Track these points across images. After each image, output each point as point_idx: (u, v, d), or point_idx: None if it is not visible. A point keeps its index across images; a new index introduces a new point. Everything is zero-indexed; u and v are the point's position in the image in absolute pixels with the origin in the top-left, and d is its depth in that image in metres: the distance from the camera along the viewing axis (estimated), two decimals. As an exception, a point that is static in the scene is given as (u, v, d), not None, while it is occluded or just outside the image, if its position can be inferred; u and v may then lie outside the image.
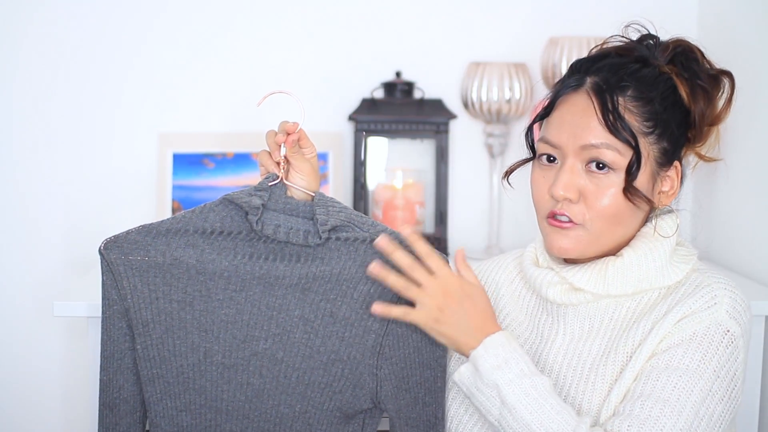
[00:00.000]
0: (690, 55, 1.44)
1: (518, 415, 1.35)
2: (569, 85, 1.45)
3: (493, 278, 1.62)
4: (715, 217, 2.25)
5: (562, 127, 1.43)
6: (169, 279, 1.49)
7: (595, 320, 1.46)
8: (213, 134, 2.38)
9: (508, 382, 1.36)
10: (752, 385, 1.93)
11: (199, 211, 1.49)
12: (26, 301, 2.39)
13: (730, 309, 1.39)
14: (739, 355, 1.38)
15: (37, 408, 2.42)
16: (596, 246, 1.44)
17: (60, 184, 2.38)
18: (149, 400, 1.51)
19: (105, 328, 1.51)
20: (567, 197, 1.41)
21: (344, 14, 2.38)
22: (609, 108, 1.40)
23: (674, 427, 1.32)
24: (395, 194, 2.34)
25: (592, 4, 2.39)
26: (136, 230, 1.49)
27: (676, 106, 1.43)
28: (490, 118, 2.31)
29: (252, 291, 1.49)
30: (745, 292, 1.95)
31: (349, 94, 2.38)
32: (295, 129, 1.49)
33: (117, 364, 1.51)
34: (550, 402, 1.36)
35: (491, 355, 1.38)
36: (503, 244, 2.36)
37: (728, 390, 1.36)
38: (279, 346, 1.50)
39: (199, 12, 2.37)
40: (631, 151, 1.39)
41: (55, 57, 2.35)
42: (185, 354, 1.50)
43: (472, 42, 2.39)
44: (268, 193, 1.48)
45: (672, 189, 1.46)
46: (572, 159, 1.42)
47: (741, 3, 2.20)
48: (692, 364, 1.35)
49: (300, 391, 1.50)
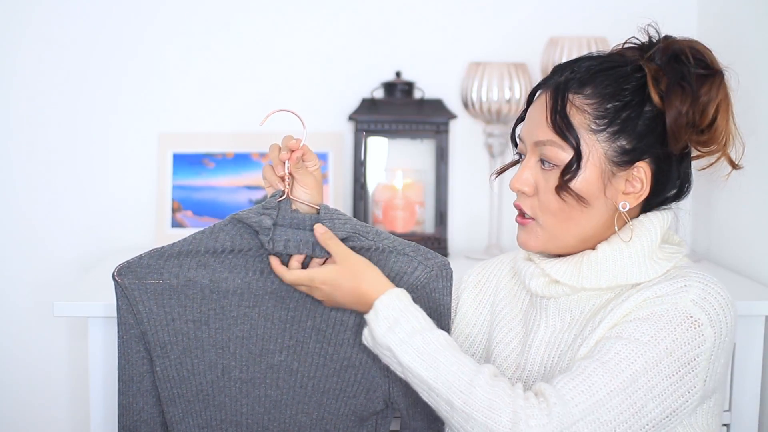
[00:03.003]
0: (680, 55, 1.43)
1: (415, 373, 1.37)
2: (541, 85, 1.49)
3: (494, 275, 1.65)
4: (715, 217, 2.25)
5: (526, 125, 1.49)
6: (184, 300, 1.51)
7: (575, 312, 1.48)
8: (213, 134, 2.38)
9: (400, 342, 1.39)
10: (752, 385, 1.94)
11: (209, 231, 1.52)
12: (26, 301, 2.39)
13: (697, 298, 1.38)
14: (704, 343, 1.36)
15: (37, 408, 2.42)
16: (556, 242, 1.46)
17: (60, 184, 2.38)
18: (171, 420, 1.54)
19: (122, 352, 1.53)
20: (522, 191, 1.46)
21: (344, 14, 2.38)
22: (557, 106, 1.42)
23: (605, 387, 1.32)
24: (395, 194, 2.34)
25: (592, 4, 2.39)
26: (148, 254, 1.51)
27: (644, 105, 1.42)
28: (490, 118, 2.31)
29: (265, 306, 1.52)
30: (743, 294, 1.96)
31: (349, 94, 2.38)
32: (298, 146, 1.51)
33: (136, 387, 1.54)
34: (444, 355, 1.37)
35: (381, 318, 1.41)
36: (503, 244, 2.36)
37: (680, 371, 1.35)
38: (294, 357, 1.53)
39: (200, 12, 2.37)
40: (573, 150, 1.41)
41: (55, 57, 2.35)
42: (204, 372, 1.53)
43: (472, 42, 2.39)
44: (277, 210, 1.50)
45: (641, 190, 1.44)
46: (530, 154, 1.47)
47: (741, 3, 2.20)
48: (643, 338, 1.35)
49: (316, 399, 1.55)
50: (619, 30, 2.23)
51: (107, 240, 2.38)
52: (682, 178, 1.49)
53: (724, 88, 1.44)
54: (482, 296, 1.63)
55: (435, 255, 1.54)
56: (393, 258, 1.52)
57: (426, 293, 1.53)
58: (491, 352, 1.57)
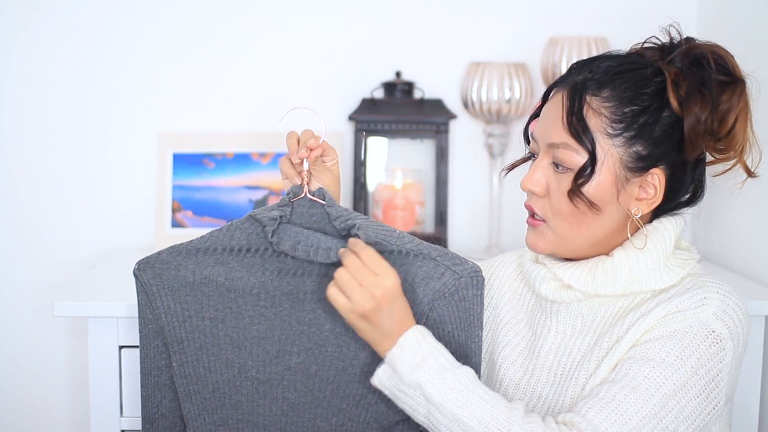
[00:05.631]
0: (701, 60, 1.40)
1: (447, 411, 1.33)
2: (558, 83, 1.45)
3: (497, 275, 1.62)
4: (716, 217, 2.25)
5: (540, 124, 1.45)
6: (200, 297, 1.50)
7: (587, 318, 1.46)
8: (213, 134, 2.38)
9: (430, 380, 1.34)
10: (752, 385, 1.94)
11: (226, 229, 1.50)
12: (26, 301, 2.39)
13: (718, 311, 1.37)
14: (725, 357, 1.36)
15: (37, 408, 2.42)
16: (566, 245, 1.44)
17: (60, 184, 2.37)
18: (187, 416, 1.53)
19: (142, 345, 1.53)
20: (533, 191, 1.44)
21: (344, 14, 2.38)
22: (574, 108, 1.39)
23: (637, 414, 1.31)
24: (395, 194, 2.34)
25: (592, 4, 2.39)
26: (167, 251, 1.51)
27: (663, 111, 1.39)
28: (490, 118, 2.31)
29: (282, 307, 1.49)
30: (744, 294, 1.96)
31: (349, 94, 2.38)
32: (316, 145, 1.50)
33: (154, 380, 1.54)
34: (477, 392, 1.33)
35: (408, 354, 1.35)
36: (503, 244, 2.36)
37: (706, 388, 1.34)
38: (312, 360, 1.50)
39: (200, 12, 2.37)
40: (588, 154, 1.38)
41: (54, 56, 2.34)
42: (220, 370, 1.51)
43: (472, 42, 2.39)
44: (291, 207, 1.49)
45: (654, 197, 1.41)
46: (543, 155, 1.44)
47: (741, 3, 2.19)
48: (669, 358, 1.34)
49: (335, 404, 1.50)
50: (619, 30, 2.25)
51: (107, 240, 2.38)
52: (696, 183, 1.46)
53: (744, 97, 1.40)
54: (485, 297, 1.58)
55: (464, 261, 1.46)
56: (418, 262, 1.45)
57: (455, 301, 1.45)
58: (496, 355, 1.54)
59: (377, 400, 1.49)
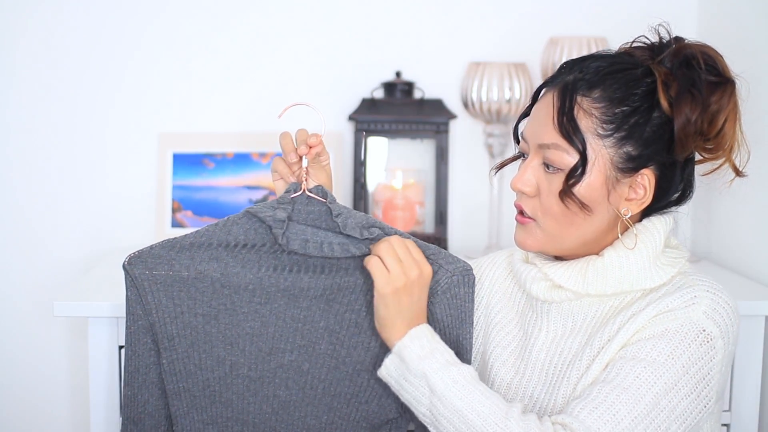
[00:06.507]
0: (691, 60, 1.40)
1: (449, 403, 1.35)
2: (548, 82, 1.45)
3: (487, 275, 1.62)
4: (715, 217, 2.25)
5: (530, 124, 1.45)
6: (194, 293, 1.48)
7: (578, 318, 1.46)
8: (213, 134, 2.38)
9: (436, 371, 1.37)
10: (752, 385, 1.94)
11: (223, 224, 1.48)
12: (26, 301, 2.39)
13: (709, 310, 1.37)
14: (716, 356, 1.36)
15: (37, 408, 2.42)
16: (556, 244, 1.44)
17: (60, 184, 2.38)
18: (176, 414, 1.51)
19: (129, 343, 1.50)
20: (523, 191, 1.44)
21: (344, 14, 2.38)
22: (564, 109, 1.39)
23: (629, 414, 1.31)
24: (395, 194, 2.34)
25: (592, 4, 2.39)
26: (160, 245, 1.48)
27: (653, 111, 1.39)
28: (490, 118, 2.31)
29: (277, 303, 1.48)
30: (743, 294, 1.96)
31: (349, 94, 2.38)
32: (318, 141, 1.50)
33: (142, 378, 1.51)
34: (479, 389, 1.36)
35: (417, 345, 1.39)
36: (503, 244, 2.36)
37: (697, 387, 1.35)
38: (305, 358, 1.50)
39: (200, 12, 2.37)
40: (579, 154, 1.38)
41: (55, 56, 2.34)
42: (211, 367, 1.50)
43: (472, 42, 2.39)
44: (291, 205, 1.48)
45: (644, 197, 1.42)
46: (533, 155, 1.44)
47: (741, 3, 2.20)
48: (660, 357, 1.34)
49: (326, 402, 1.51)
50: (619, 30, 2.25)
51: (107, 240, 2.38)
52: (685, 183, 1.47)
53: (734, 97, 1.40)
54: (476, 297, 1.59)
55: (456, 259, 1.49)
56: None
57: (447, 299, 1.48)
58: (488, 355, 1.54)
59: (368, 399, 1.50)
